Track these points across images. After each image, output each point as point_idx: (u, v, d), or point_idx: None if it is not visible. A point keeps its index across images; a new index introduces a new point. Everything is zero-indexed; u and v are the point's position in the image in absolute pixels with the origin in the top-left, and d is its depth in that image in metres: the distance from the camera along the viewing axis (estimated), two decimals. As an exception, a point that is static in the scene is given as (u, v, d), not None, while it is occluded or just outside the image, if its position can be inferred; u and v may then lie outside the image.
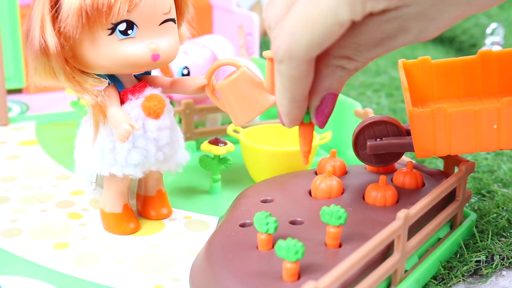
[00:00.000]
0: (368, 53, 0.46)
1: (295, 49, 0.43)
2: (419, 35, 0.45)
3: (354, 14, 0.41)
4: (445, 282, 0.56)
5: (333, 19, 0.41)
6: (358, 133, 0.61)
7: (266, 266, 0.49)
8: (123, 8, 0.52)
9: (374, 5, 0.41)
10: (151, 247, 0.59)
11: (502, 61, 0.62)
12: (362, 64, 0.47)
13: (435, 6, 0.42)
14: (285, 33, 0.43)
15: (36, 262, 0.56)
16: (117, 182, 0.60)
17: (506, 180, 0.76)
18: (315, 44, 0.43)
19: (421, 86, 0.64)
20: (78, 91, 0.55)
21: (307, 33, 0.42)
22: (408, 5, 0.42)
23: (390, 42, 0.45)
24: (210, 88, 0.59)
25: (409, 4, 0.42)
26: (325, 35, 0.42)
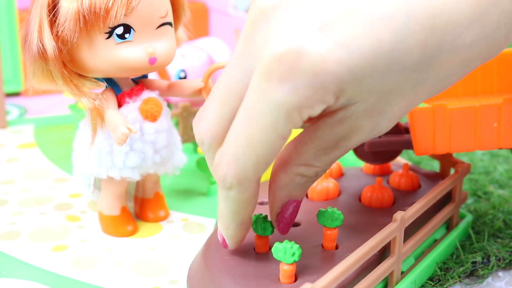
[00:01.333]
0: (326, 156, 0.45)
1: (243, 173, 0.42)
2: (372, 131, 0.44)
3: (293, 124, 0.40)
4: (441, 283, 0.56)
5: (274, 135, 0.40)
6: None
7: (263, 268, 0.49)
8: (120, 12, 0.52)
9: (310, 112, 0.40)
10: (149, 249, 0.59)
11: (501, 61, 0.62)
12: (321, 170, 0.46)
13: (381, 100, 0.41)
14: (228, 160, 0.42)
15: (34, 264, 0.56)
16: (115, 184, 0.60)
17: (502, 181, 0.77)
18: (261, 163, 0.42)
19: None
20: (76, 94, 0.55)
21: (252, 155, 0.41)
22: (354, 103, 0.41)
23: (346, 143, 0.44)
24: (207, 91, 0.59)
25: (355, 102, 0.41)
26: (269, 152, 0.41)
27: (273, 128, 0.40)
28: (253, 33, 0.41)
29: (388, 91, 0.41)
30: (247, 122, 0.41)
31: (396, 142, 0.60)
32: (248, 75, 0.42)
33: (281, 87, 0.39)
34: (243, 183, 0.43)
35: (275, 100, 0.39)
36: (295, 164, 0.45)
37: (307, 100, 0.39)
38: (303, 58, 0.38)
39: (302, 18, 0.39)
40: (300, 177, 0.46)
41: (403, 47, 0.38)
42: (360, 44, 0.38)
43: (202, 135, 0.45)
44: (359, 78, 0.39)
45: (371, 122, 0.43)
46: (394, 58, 0.39)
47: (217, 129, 0.44)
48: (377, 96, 0.41)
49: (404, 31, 0.38)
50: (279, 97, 0.39)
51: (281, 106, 0.39)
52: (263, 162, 0.42)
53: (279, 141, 0.41)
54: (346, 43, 0.38)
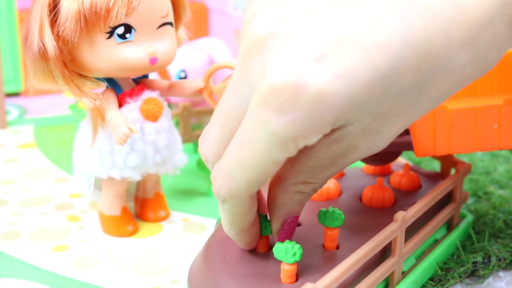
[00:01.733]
0: (323, 173, 0.45)
1: (236, 189, 0.43)
2: (369, 149, 0.44)
3: (288, 153, 0.40)
4: (442, 283, 0.56)
5: (268, 160, 0.40)
6: None
7: (264, 268, 0.49)
8: (121, 12, 0.52)
9: (306, 142, 0.40)
10: (150, 250, 0.59)
11: (501, 62, 0.62)
12: (319, 185, 0.46)
13: (378, 120, 0.41)
14: (223, 174, 0.43)
15: (35, 264, 0.56)
16: (115, 184, 0.60)
17: (502, 181, 0.77)
18: (254, 182, 0.42)
19: None
20: (76, 94, 0.55)
21: (245, 174, 0.41)
22: (351, 123, 0.41)
23: (343, 160, 0.44)
24: (208, 91, 0.59)
25: (352, 123, 0.41)
26: (263, 173, 0.41)
27: (268, 154, 0.40)
28: (248, 63, 0.41)
29: (384, 113, 0.41)
30: (243, 143, 0.41)
31: (397, 144, 0.60)
32: (244, 103, 0.42)
33: (277, 118, 0.39)
34: (236, 198, 0.43)
35: (271, 129, 0.39)
36: (292, 182, 0.46)
37: (303, 132, 0.39)
38: (302, 91, 0.38)
39: (297, 48, 0.39)
40: (299, 194, 0.47)
41: (398, 72, 0.39)
42: (358, 72, 0.38)
43: (206, 154, 0.45)
44: (356, 105, 0.39)
45: (367, 141, 0.43)
46: (390, 83, 0.39)
47: (218, 149, 0.44)
48: (374, 117, 0.41)
49: (400, 56, 0.38)
50: (276, 127, 0.39)
51: (277, 136, 0.39)
52: (256, 181, 0.42)
53: (273, 166, 0.41)
54: (344, 72, 0.38)
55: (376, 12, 0.39)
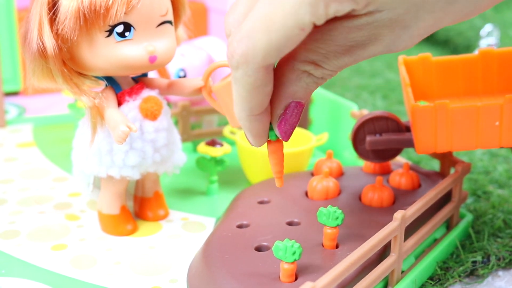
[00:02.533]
0: (336, 60, 0.43)
1: (252, 53, 0.40)
2: (391, 44, 0.42)
3: (316, 17, 0.39)
4: (441, 282, 0.56)
5: (293, 21, 0.39)
6: (359, 127, 0.61)
7: (263, 267, 0.49)
8: (120, 10, 0.52)
9: (338, 8, 0.38)
10: (149, 249, 0.59)
11: (502, 60, 0.62)
12: (329, 73, 0.44)
13: (410, 13, 0.40)
14: (241, 36, 0.40)
15: (34, 263, 0.56)
16: (114, 183, 0.60)
17: (501, 181, 0.76)
18: (273, 48, 0.40)
19: (421, 83, 0.64)
20: (75, 93, 0.55)
21: (265, 36, 0.39)
22: (381, 11, 0.40)
23: (360, 51, 0.42)
24: (207, 90, 0.59)
25: (382, 10, 0.40)
26: (284, 39, 0.39)
27: (295, 14, 0.39)
28: None
29: (419, 4, 0.40)
30: (270, 2, 0.39)
31: (397, 141, 0.60)
32: None
33: None
34: (250, 64, 0.41)
35: None
36: (302, 60, 0.43)
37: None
38: None
39: None
40: (307, 75, 0.44)
41: None
42: None
43: (230, 25, 0.43)
44: None
45: (391, 34, 0.42)
46: None
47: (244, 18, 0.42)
48: (407, 8, 0.40)
49: None
50: None
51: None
52: (275, 47, 0.40)
53: (296, 31, 0.39)
54: None
55: None
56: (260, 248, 0.52)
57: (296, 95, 0.44)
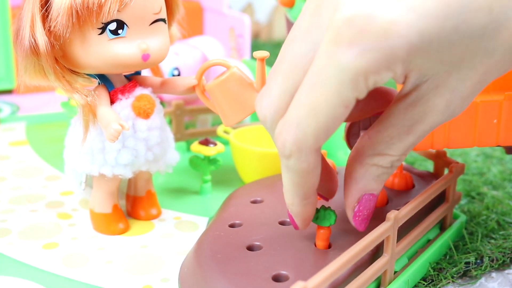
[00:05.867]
0: (401, 143, 0.44)
1: (303, 139, 0.42)
2: (446, 111, 0.43)
3: (358, 92, 0.40)
4: (434, 283, 0.56)
5: (338, 101, 0.40)
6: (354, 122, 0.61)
7: (255, 266, 0.49)
8: (113, 8, 0.52)
9: (376, 78, 0.40)
10: (141, 248, 0.59)
11: None
12: (397, 158, 0.45)
13: (452, 75, 0.41)
14: (289, 125, 0.42)
15: (25, 262, 0.56)
16: (106, 182, 0.60)
17: (495, 182, 0.76)
18: (322, 130, 0.41)
19: None
20: (68, 90, 0.55)
21: (313, 121, 0.41)
22: (425, 81, 0.41)
23: (420, 126, 0.44)
24: (200, 89, 0.59)
25: (425, 79, 0.41)
26: (331, 119, 0.41)
27: (338, 94, 0.40)
28: (320, 6, 0.41)
29: (457, 63, 0.41)
30: (312, 87, 0.40)
31: None
32: (313, 49, 0.42)
33: (349, 50, 0.39)
34: (302, 151, 0.42)
35: (343, 63, 0.39)
36: (370, 154, 0.45)
37: (374, 65, 0.39)
38: (374, 21, 0.38)
39: None
40: (376, 167, 0.46)
41: (469, 10, 0.38)
42: (429, 7, 0.38)
43: (265, 111, 0.44)
44: (427, 42, 0.39)
45: (443, 100, 0.42)
46: (461, 21, 0.39)
47: (280, 102, 0.43)
48: (447, 70, 0.41)
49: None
50: (347, 60, 0.39)
51: (348, 69, 0.39)
52: (324, 129, 0.41)
53: (342, 109, 0.40)
54: (415, 7, 0.38)
55: None
56: (252, 247, 0.52)
57: (368, 188, 0.47)
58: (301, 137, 0.42)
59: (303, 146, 0.42)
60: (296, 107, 0.41)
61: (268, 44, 1.63)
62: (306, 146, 0.42)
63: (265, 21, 1.70)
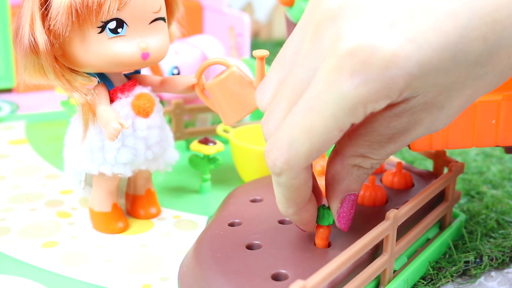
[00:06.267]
0: (382, 149, 0.45)
1: (295, 158, 0.42)
2: (430, 125, 0.44)
3: (355, 118, 0.41)
4: (433, 282, 0.56)
5: (334, 125, 0.41)
6: None
7: (254, 265, 0.49)
8: (113, 7, 0.52)
9: (375, 106, 0.40)
10: (140, 246, 0.59)
11: None
12: (377, 161, 0.47)
13: (442, 94, 0.42)
14: (281, 144, 0.42)
15: (24, 260, 0.56)
16: (106, 181, 0.60)
17: (495, 181, 0.76)
18: (314, 151, 0.42)
19: None
20: (67, 89, 0.55)
21: (306, 141, 0.41)
22: (415, 96, 0.42)
23: (403, 137, 0.45)
24: (200, 87, 0.59)
25: (416, 95, 0.42)
26: (325, 141, 0.41)
27: (335, 119, 0.40)
28: (321, 33, 0.42)
29: (449, 85, 0.41)
30: (309, 110, 0.41)
31: None
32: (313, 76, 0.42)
33: (351, 80, 0.39)
34: (293, 169, 0.43)
35: (344, 92, 0.39)
36: (351, 155, 0.46)
37: (374, 95, 0.40)
38: (376, 53, 0.39)
39: (371, 16, 0.40)
40: (357, 168, 0.47)
41: (466, 40, 0.39)
42: (428, 39, 0.39)
43: (271, 132, 0.45)
44: (426, 72, 0.39)
45: (429, 116, 0.43)
46: (458, 51, 0.39)
47: None
48: (439, 90, 0.42)
49: (468, 25, 0.39)
50: (348, 90, 0.39)
51: (348, 99, 0.40)
52: (317, 150, 0.42)
53: (337, 133, 0.41)
54: (415, 38, 0.39)
55: None
56: (252, 246, 0.52)
57: (350, 188, 0.48)
58: (293, 156, 0.42)
59: (295, 165, 0.43)
60: (289, 127, 0.42)
61: (268, 43, 1.63)
62: (298, 165, 0.43)
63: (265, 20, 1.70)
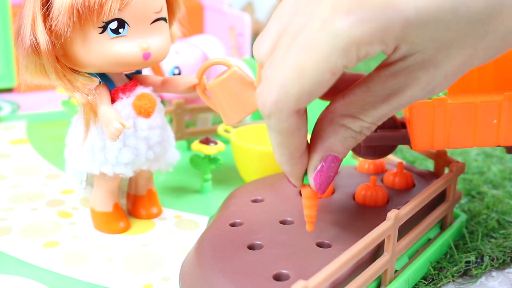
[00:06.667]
0: (374, 111, 0.44)
1: (284, 100, 0.41)
2: (427, 86, 0.43)
3: (348, 61, 0.40)
4: (435, 282, 0.56)
5: (325, 67, 0.39)
6: None
7: (256, 265, 0.49)
8: (114, 7, 0.52)
9: (368, 50, 0.39)
10: (141, 246, 0.59)
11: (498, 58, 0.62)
12: (367, 125, 0.45)
13: (441, 52, 0.41)
14: (273, 85, 0.41)
15: (26, 260, 0.56)
16: (107, 181, 0.60)
17: (496, 181, 0.76)
18: (305, 93, 0.40)
19: None
20: (68, 89, 0.55)
21: (297, 83, 0.40)
22: (413, 53, 0.41)
23: (398, 98, 0.43)
24: (201, 87, 0.59)
25: (414, 52, 0.41)
26: (316, 84, 0.40)
27: (327, 59, 0.39)
28: None
29: (449, 42, 0.41)
30: (301, 49, 0.40)
31: (392, 137, 0.59)
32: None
33: (346, 18, 0.39)
34: (282, 112, 0.42)
35: (337, 30, 0.39)
36: (341, 114, 0.45)
37: (368, 36, 0.39)
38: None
39: None
40: (345, 129, 0.45)
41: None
42: None
43: (262, 59, 0.44)
44: (424, 21, 0.39)
45: (426, 75, 0.42)
46: (460, 3, 0.39)
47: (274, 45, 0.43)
48: (437, 47, 0.41)
49: None
50: (342, 28, 0.39)
51: (342, 37, 0.39)
52: (308, 93, 0.41)
53: (329, 76, 0.40)
54: None
55: None
56: (253, 246, 0.52)
57: (333, 148, 0.46)
58: (283, 98, 0.41)
59: (284, 107, 0.41)
60: (281, 67, 0.41)
61: (269, 42, 1.63)
62: (287, 108, 0.41)
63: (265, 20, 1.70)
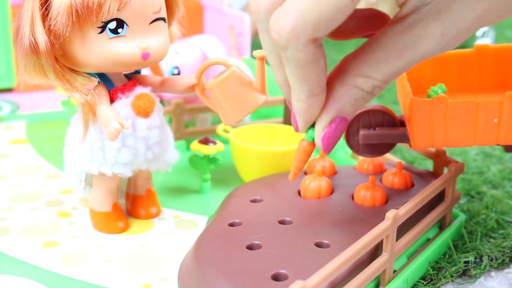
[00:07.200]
0: (387, 67, 0.43)
1: (301, 27, 0.39)
2: (441, 40, 0.42)
3: None
4: (433, 282, 0.56)
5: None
6: (354, 119, 0.60)
7: (254, 265, 0.49)
8: (113, 7, 0.52)
9: None
10: (140, 246, 0.59)
11: (498, 57, 0.62)
12: (379, 84, 0.44)
13: (455, 3, 0.41)
14: (288, 12, 0.39)
15: (25, 260, 0.56)
16: (106, 181, 0.60)
17: (495, 181, 0.76)
18: (323, 20, 0.39)
19: (415, 79, 0.63)
20: (67, 89, 0.55)
21: (315, 8, 0.38)
22: (427, 3, 0.40)
23: (411, 52, 0.42)
24: (200, 87, 0.59)
25: (428, 2, 0.40)
26: (335, 10, 0.38)
27: None
28: None
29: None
30: None
31: (391, 135, 0.59)
32: None
33: None
34: (300, 40, 0.40)
35: None
36: (353, 74, 0.44)
37: None
38: None
39: None
40: (357, 89, 0.44)
41: None
42: None
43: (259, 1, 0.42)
44: None
45: (441, 27, 0.41)
46: None
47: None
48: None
49: None
50: None
51: None
52: (326, 19, 0.39)
53: (347, 1, 0.39)
54: None
55: None
56: (252, 246, 0.52)
57: (343, 110, 0.45)
58: (300, 25, 0.39)
59: (301, 34, 0.40)
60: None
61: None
62: (304, 35, 0.40)
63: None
